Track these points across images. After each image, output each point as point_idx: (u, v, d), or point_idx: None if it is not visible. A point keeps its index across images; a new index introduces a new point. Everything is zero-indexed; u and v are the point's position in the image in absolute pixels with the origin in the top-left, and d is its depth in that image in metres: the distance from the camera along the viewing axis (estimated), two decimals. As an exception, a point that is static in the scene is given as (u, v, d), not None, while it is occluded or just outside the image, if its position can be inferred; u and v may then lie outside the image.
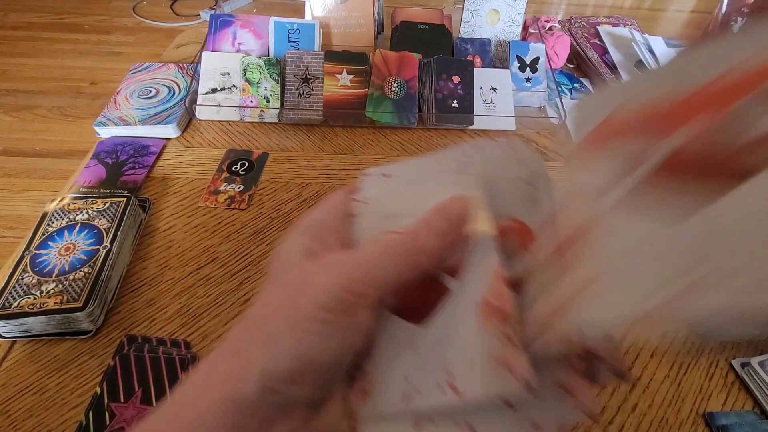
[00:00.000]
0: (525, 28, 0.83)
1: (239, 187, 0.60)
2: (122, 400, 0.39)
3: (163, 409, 0.20)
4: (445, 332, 0.21)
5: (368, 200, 0.27)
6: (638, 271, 0.17)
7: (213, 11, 0.79)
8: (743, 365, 0.45)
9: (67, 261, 0.46)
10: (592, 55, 0.87)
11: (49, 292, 0.43)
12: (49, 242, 0.48)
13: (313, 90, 0.70)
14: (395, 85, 0.70)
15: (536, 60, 0.77)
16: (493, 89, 0.73)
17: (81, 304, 0.43)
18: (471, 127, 0.72)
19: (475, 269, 0.22)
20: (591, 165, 0.21)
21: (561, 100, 0.72)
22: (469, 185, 0.24)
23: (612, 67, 0.84)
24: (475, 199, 0.23)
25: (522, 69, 0.77)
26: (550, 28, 0.86)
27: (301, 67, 0.70)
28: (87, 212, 0.51)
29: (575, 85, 0.83)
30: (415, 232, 0.22)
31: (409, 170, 0.27)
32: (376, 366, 0.22)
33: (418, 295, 0.23)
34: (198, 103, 0.69)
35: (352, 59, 0.70)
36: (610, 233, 0.19)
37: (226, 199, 0.59)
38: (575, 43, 0.90)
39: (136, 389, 0.40)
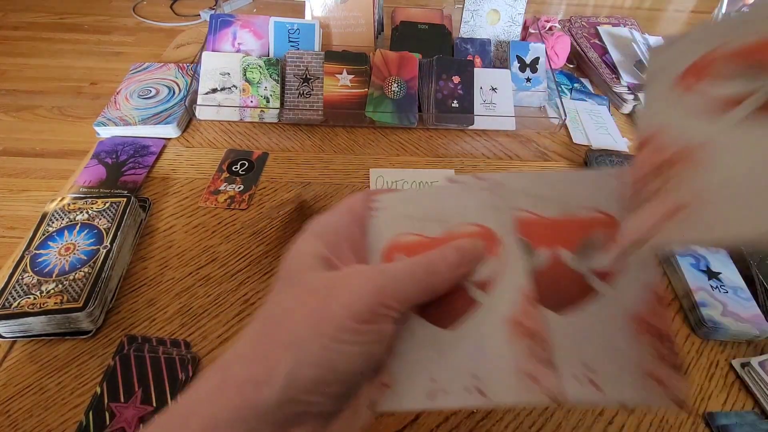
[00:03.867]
0: (525, 28, 0.83)
1: (239, 187, 0.60)
2: (122, 400, 0.39)
3: (173, 411, 0.19)
4: (474, 341, 0.23)
5: (386, 204, 0.28)
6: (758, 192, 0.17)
7: (213, 11, 0.79)
8: (743, 365, 0.45)
9: (67, 261, 0.46)
10: (592, 55, 0.87)
11: (49, 292, 0.43)
12: (49, 242, 0.48)
13: (313, 90, 0.70)
14: (395, 85, 0.70)
15: (536, 60, 0.77)
16: (493, 89, 0.73)
17: (81, 304, 0.43)
18: (471, 127, 0.72)
19: (504, 286, 0.24)
20: (695, 93, 0.21)
21: (561, 100, 0.72)
22: (491, 207, 0.26)
23: (612, 67, 0.84)
24: (492, 233, 0.25)
25: (522, 69, 0.77)
26: (550, 28, 0.86)
27: (301, 67, 0.70)
28: (87, 212, 0.51)
29: (575, 85, 0.83)
30: (433, 259, 0.23)
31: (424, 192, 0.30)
32: (399, 362, 0.24)
33: (444, 301, 0.24)
34: (198, 103, 0.69)
35: (352, 59, 0.70)
36: (726, 153, 0.19)
37: (226, 199, 0.59)
38: (575, 43, 0.90)
39: (136, 389, 0.40)
